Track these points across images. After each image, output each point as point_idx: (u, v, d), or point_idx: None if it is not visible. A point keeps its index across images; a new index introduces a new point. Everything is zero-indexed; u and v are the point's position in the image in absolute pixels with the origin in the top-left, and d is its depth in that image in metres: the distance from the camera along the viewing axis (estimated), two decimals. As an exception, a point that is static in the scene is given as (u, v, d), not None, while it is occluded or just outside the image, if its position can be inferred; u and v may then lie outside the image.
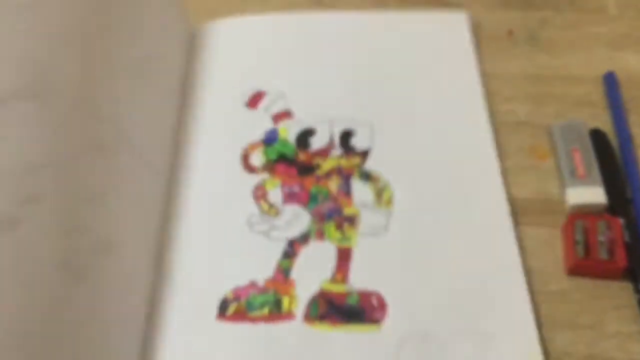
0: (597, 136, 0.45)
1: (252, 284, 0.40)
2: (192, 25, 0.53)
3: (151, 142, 0.44)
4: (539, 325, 0.38)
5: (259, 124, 0.47)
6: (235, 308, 0.39)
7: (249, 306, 0.39)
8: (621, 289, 0.39)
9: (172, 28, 0.51)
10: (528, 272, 0.40)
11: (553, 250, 0.41)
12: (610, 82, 0.48)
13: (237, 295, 0.39)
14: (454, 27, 0.51)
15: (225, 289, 0.40)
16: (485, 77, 0.49)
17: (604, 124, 0.46)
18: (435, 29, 0.51)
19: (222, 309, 0.39)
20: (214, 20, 0.53)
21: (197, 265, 0.41)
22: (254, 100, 0.48)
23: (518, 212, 0.42)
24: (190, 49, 0.52)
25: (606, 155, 0.43)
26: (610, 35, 0.51)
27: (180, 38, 0.52)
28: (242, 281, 0.40)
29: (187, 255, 0.41)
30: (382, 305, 0.38)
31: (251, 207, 0.43)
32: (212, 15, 0.54)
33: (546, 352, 0.37)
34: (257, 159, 0.45)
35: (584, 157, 0.43)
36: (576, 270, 0.39)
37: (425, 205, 0.42)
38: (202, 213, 0.43)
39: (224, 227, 0.42)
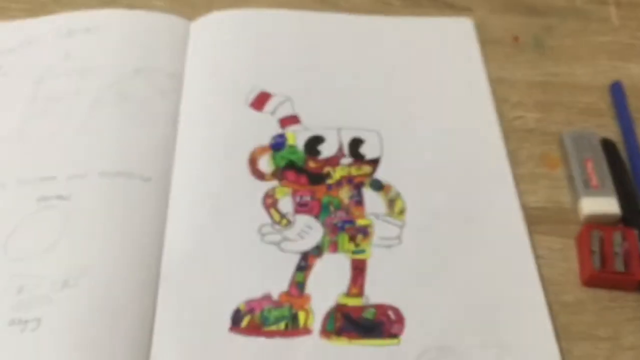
0: (607, 146, 0.45)
1: (266, 297, 0.38)
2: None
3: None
4: (556, 337, 0.37)
5: (266, 127, 0.45)
6: (249, 320, 0.37)
7: (264, 320, 0.37)
8: (636, 301, 0.39)
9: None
10: (543, 282, 0.39)
11: (567, 259, 0.41)
12: (618, 92, 0.48)
13: (250, 307, 0.38)
14: (461, 33, 0.51)
15: (237, 300, 0.38)
16: (492, 83, 0.48)
17: (612, 133, 0.46)
18: (442, 35, 0.51)
19: (236, 321, 0.37)
20: (210, 12, 0.51)
21: (207, 275, 0.39)
22: (259, 102, 0.46)
23: (531, 221, 0.42)
24: (185, 42, 0.49)
25: (617, 166, 0.43)
26: (613, 45, 0.52)
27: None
28: (255, 293, 0.38)
29: (194, 264, 0.39)
30: (400, 319, 0.38)
31: (261, 215, 0.41)
32: (209, 6, 0.51)
33: (565, 364, 0.37)
34: (265, 164, 0.44)
35: (597, 167, 0.43)
36: (592, 281, 0.39)
37: (438, 215, 0.42)
38: (209, 218, 0.41)
39: (234, 235, 0.40)
